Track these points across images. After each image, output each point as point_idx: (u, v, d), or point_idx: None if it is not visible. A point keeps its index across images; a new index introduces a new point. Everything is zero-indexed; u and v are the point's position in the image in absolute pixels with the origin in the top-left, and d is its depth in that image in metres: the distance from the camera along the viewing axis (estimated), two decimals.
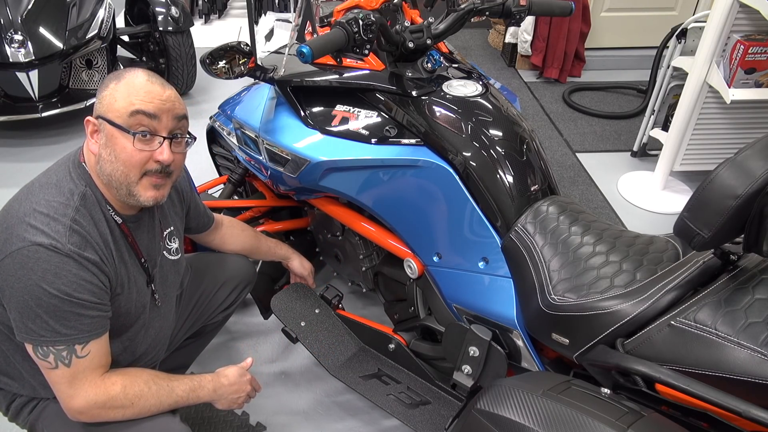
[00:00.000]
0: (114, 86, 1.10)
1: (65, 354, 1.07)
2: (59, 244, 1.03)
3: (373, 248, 1.78)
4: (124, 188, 1.12)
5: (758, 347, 0.91)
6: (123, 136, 1.08)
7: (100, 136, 1.11)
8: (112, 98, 1.09)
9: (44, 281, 1.02)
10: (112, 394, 1.12)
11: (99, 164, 1.12)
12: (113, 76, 1.12)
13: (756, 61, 2.30)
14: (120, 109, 1.08)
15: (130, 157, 1.09)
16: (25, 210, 1.06)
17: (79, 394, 1.10)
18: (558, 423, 0.92)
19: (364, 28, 1.29)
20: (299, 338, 1.68)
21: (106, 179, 1.12)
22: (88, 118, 1.11)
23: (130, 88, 1.09)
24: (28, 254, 1.02)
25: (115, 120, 1.08)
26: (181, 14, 3.28)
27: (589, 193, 2.87)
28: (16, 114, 2.94)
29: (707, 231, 0.95)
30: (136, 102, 1.08)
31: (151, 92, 1.10)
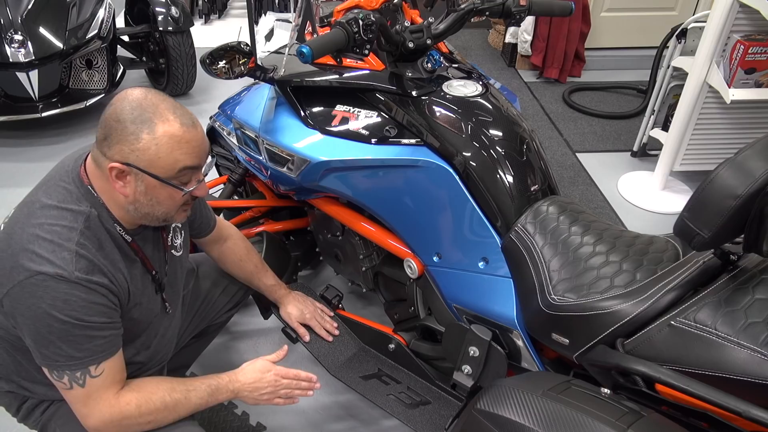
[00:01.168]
0: (149, 138, 1.03)
1: (79, 375, 1.08)
2: (65, 272, 1.02)
3: (373, 248, 1.78)
4: (161, 220, 1.15)
5: (758, 347, 0.91)
6: (168, 188, 1.08)
7: (132, 182, 1.07)
8: (153, 154, 1.04)
9: (54, 308, 1.02)
10: (126, 413, 1.12)
11: (133, 205, 1.10)
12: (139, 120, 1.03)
13: (756, 61, 2.30)
14: (166, 167, 1.05)
15: (175, 203, 1.12)
16: (28, 236, 1.04)
17: (93, 414, 1.10)
18: (558, 423, 0.92)
19: (364, 28, 1.29)
20: (299, 339, 1.68)
21: (140, 216, 1.12)
22: (113, 165, 1.04)
23: (172, 142, 1.04)
24: (36, 283, 1.02)
25: (160, 176, 1.06)
26: (181, 14, 3.28)
27: (589, 193, 2.87)
28: (16, 114, 2.94)
29: (707, 231, 0.95)
30: (182, 159, 1.06)
31: (190, 142, 1.07)
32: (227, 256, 1.58)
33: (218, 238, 1.56)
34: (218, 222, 1.56)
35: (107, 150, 1.05)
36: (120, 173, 1.06)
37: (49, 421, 1.24)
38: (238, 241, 1.59)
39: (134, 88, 1.08)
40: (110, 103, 1.06)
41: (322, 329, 1.66)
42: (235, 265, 1.59)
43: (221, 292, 1.61)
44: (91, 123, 3.33)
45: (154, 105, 1.05)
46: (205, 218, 1.49)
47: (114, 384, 1.12)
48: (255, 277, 1.62)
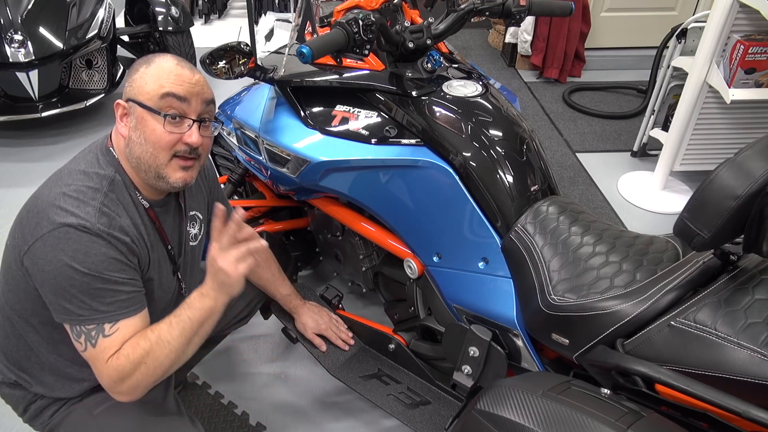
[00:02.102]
0: (144, 70, 1.11)
1: (93, 334, 1.07)
2: (88, 223, 1.04)
3: (373, 248, 1.78)
4: (153, 170, 1.13)
5: (758, 347, 0.91)
6: (153, 118, 1.10)
7: (129, 119, 1.12)
8: (142, 81, 1.10)
9: (75, 260, 1.03)
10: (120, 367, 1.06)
11: (128, 147, 1.13)
12: (143, 60, 1.13)
13: (756, 61, 2.30)
14: (150, 92, 1.09)
15: (159, 138, 1.10)
16: (55, 195, 1.07)
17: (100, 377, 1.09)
18: (558, 423, 0.92)
19: (364, 28, 1.29)
20: (299, 338, 1.68)
21: (135, 162, 1.13)
22: (118, 101, 1.12)
23: (160, 72, 1.10)
24: (58, 235, 1.03)
25: (145, 102, 1.09)
26: (181, 14, 3.28)
27: (589, 193, 2.87)
28: (16, 114, 2.94)
29: (707, 231, 0.95)
30: (166, 85, 1.09)
31: (181, 75, 1.11)
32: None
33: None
34: None
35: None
36: (123, 114, 1.12)
37: (57, 426, 1.23)
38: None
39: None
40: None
41: (338, 339, 1.67)
42: (252, 271, 1.56)
43: (232, 306, 1.60)
44: (91, 123, 3.33)
45: (164, 54, 1.14)
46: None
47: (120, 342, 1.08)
48: (271, 286, 1.62)
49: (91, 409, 1.21)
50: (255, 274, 1.59)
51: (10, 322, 1.18)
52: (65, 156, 3.02)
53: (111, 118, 3.37)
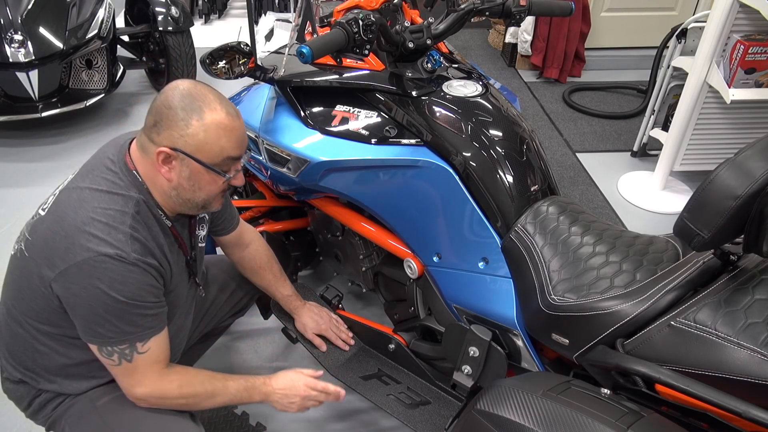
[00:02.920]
0: (198, 124, 1.08)
1: (128, 351, 1.14)
2: (124, 253, 1.07)
3: (373, 248, 1.78)
4: (200, 207, 1.19)
5: (758, 347, 0.91)
6: (211, 174, 1.13)
7: (177, 166, 1.12)
8: (201, 140, 1.09)
9: (112, 289, 1.06)
10: (168, 391, 1.19)
11: (176, 190, 1.15)
12: (189, 107, 1.08)
13: (756, 61, 2.30)
14: (212, 153, 1.11)
15: (216, 189, 1.17)
16: (83, 218, 1.07)
17: (138, 386, 1.17)
18: (558, 423, 0.92)
19: (364, 28, 1.29)
20: (299, 338, 1.68)
21: (181, 201, 1.17)
22: (162, 149, 1.09)
23: (219, 131, 1.10)
24: (95, 264, 1.05)
25: (206, 162, 1.11)
26: (181, 14, 3.28)
27: (589, 193, 2.87)
28: (16, 114, 2.93)
29: (707, 231, 0.95)
30: (227, 147, 1.12)
31: (234, 131, 1.12)
32: (247, 262, 1.59)
33: (240, 241, 1.56)
34: (242, 224, 1.56)
35: (156, 136, 1.10)
36: (167, 158, 1.11)
37: (60, 418, 1.24)
38: (260, 248, 1.60)
39: (183, 80, 1.14)
40: (161, 92, 1.12)
41: (338, 340, 1.68)
42: (254, 272, 1.60)
43: (228, 297, 1.61)
44: (91, 123, 3.33)
45: (203, 95, 1.10)
46: (229, 214, 1.51)
47: (158, 361, 1.18)
48: (272, 286, 1.63)
49: (94, 401, 1.23)
50: (257, 275, 1.60)
51: (19, 324, 1.19)
52: (65, 156, 3.02)
53: (111, 118, 3.38)
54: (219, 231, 1.51)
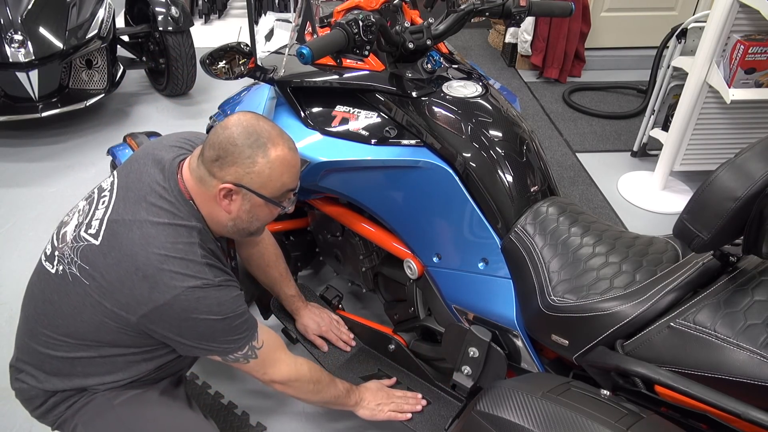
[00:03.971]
0: (264, 161, 1.12)
1: (249, 353, 1.24)
2: (208, 280, 1.12)
3: (373, 249, 1.78)
4: (250, 233, 1.25)
5: (757, 349, 0.91)
6: (270, 207, 1.19)
7: (239, 200, 1.16)
8: (266, 177, 1.13)
9: (211, 314, 1.13)
10: (302, 373, 1.33)
11: (233, 222, 1.19)
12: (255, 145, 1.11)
13: (756, 61, 2.30)
14: (275, 188, 1.16)
15: (271, 218, 1.24)
16: (156, 257, 1.09)
17: (277, 372, 1.30)
18: (557, 424, 0.92)
19: (364, 28, 1.29)
20: (299, 339, 1.68)
21: (236, 230, 1.22)
22: (225, 185, 1.12)
23: (283, 168, 1.14)
24: (187, 298, 1.10)
25: (268, 196, 1.16)
26: (181, 14, 3.28)
27: (589, 193, 2.87)
28: (16, 114, 2.93)
29: (707, 233, 0.95)
30: (288, 182, 1.17)
31: (295, 166, 1.18)
32: (256, 259, 1.60)
33: (251, 239, 1.57)
34: None
35: (218, 171, 1.13)
36: (229, 193, 1.14)
37: (72, 417, 1.24)
38: (269, 246, 1.62)
39: (245, 114, 1.16)
40: (222, 126, 1.13)
41: (339, 341, 1.69)
42: (261, 269, 1.61)
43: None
44: (91, 123, 3.33)
45: (267, 131, 1.14)
46: None
47: (279, 346, 1.32)
48: (277, 285, 1.64)
49: (111, 400, 1.23)
50: (264, 272, 1.61)
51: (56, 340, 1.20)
52: (65, 156, 3.02)
53: (111, 118, 3.38)
54: None
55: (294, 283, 1.67)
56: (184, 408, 1.31)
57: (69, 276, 1.15)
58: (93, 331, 1.15)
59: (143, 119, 3.41)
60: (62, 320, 1.17)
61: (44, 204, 2.64)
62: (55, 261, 1.19)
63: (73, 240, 1.17)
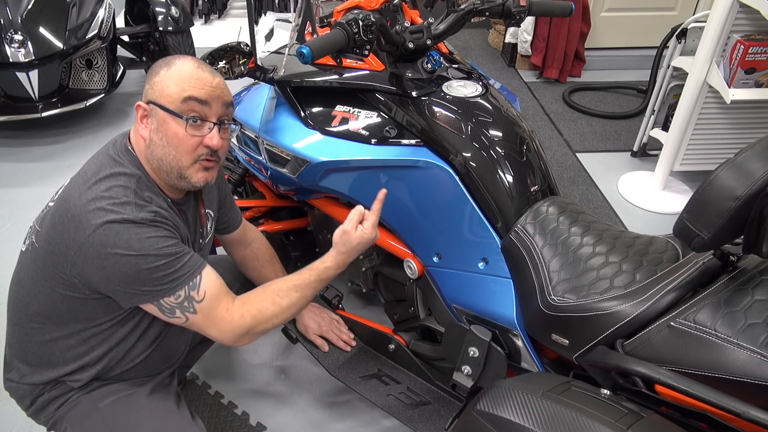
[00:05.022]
0: (165, 72, 1.12)
1: (186, 304, 1.14)
2: (130, 216, 1.07)
3: (372, 248, 1.78)
4: (176, 172, 1.16)
5: (757, 348, 0.91)
6: (175, 121, 1.12)
7: (150, 121, 1.14)
8: (163, 84, 1.12)
9: (131, 249, 1.06)
10: (247, 326, 1.19)
11: (149, 149, 1.15)
12: (163, 62, 1.14)
13: (756, 61, 2.30)
14: (172, 95, 1.11)
15: (181, 142, 1.13)
16: (86, 199, 1.08)
17: (222, 332, 1.18)
18: (558, 424, 0.92)
19: (364, 28, 1.29)
20: (299, 339, 1.68)
21: (156, 163, 1.15)
22: (139, 103, 1.13)
23: (182, 75, 1.12)
24: (105, 232, 1.05)
25: (167, 105, 1.11)
26: (181, 14, 3.28)
27: (589, 193, 2.87)
28: (16, 114, 2.94)
29: (707, 232, 0.95)
30: (187, 88, 1.11)
31: (201, 79, 1.13)
32: (249, 261, 1.59)
33: (243, 240, 1.57)
34: (244, 223, 1.57)
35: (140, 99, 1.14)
36: (144, 115, 1.14)
37: (62, 419, 1.24)
38: (262, 246, 1.61)
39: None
40: None
41: (339, 341, 1.68)
42: (256, 271, 1.60)
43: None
44: (91, 123, 3.33)
45: (183, 56, 1.15)
46: (233, 213, 1.52)
47: (221, 301, 1.18)
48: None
49: (97, 402, 1.23)
50: (259, 274, 1.60)
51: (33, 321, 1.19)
52: (65, 156, 3.02)
53: (111, 118, 3.39)
54: (223, 229, 1.52)
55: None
56: (171, 410, 1.29)
57: (29, 247, 1.17)
58: (50, 303, 1.15)
59: None
60: (29, 297, 1.18)
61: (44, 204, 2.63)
62: (26, 239, 1.21)
63: (40, 213, 1.19)
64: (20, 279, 1.21)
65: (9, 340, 1.27)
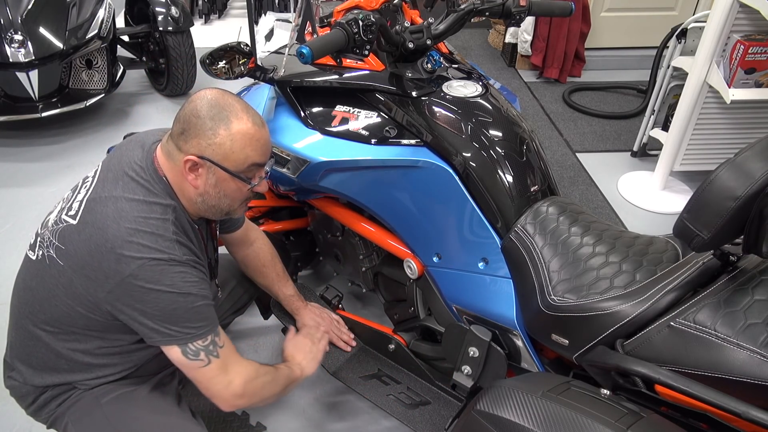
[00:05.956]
0: (226, 134, 1.10)
1: (212, 348, 1.18)
2: (176, 256, 1.10)
3: (373, 248, 1.78)
4: (225, 213, 1.23)
5: (757, 348, 0.91)
6: (236, 182, 1.16)
7: (204, 174, 1.14)
8: (227, 149, 1.11)
9: (174, 287, 1.10)
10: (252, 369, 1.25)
11: (202, 197, 1.17)
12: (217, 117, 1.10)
13: (756, 61, 2.30)
14: (237, 161, 1.13)
15: (240, 196, 1.20)
16: (127, 230, 1.08)
17: (235, 377, 1.21)
18: (557, 424, 0.92)
19: (364, 28, 1.29)
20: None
21: (206, 207, 1.19)
22: (189, 157, 1.11)
23: (245, 139, 1.12)
24: (151, 269, 1.08)
25: (231, 169, 1.13)
26: (181, 14, 3.28)
27: (589, 193, 2.87)
28: (16, 114, 2.93)
29: (707, 232, 0.95)
30: (252, 155, 1.14)
31: (260, 140, 1.15)
32: (251, 261, 1.60)
33: (245, 239, 1.57)
34: (247, 223, 1.57)
35: (183, 144, 1.12)
36: (194, 166, 1.13)
37: (62, 415, 1.25)
38: (264, 246, 1.61)
39: (211, 89, 1.15)
40: (189, 100, 1.14)
41: (340, 341, 1.68)
42: (258, 270, 1.61)
43: (228, 294, 1.62)
44: (91, 123, 3.33)
45: (231, 105, 1.13)
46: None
47: (234, 349, 1.24)
48: (275, 285, 1.63)
49: (99, 398, 1.23)
50: (260, 274, 1.61)
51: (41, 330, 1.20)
52: (65, 156, 3.02)
53: (111, 118, 3.38)
54: (227, 229, 1.52)
55: (292, 283, 1.67)
56: (172, 407, 1.30)
57: (47, 259, 1.15)
58: (66, 317, 1.15)
59: (143, 119, 3.41)
60: (39, 306, 1.18)
61: (44, 204, 2.64)
62: (36, 247, 1.20)
63: (54, 224, 1.17)
64: (31, 287, 1.19)
65: (11, 342, 1.27)
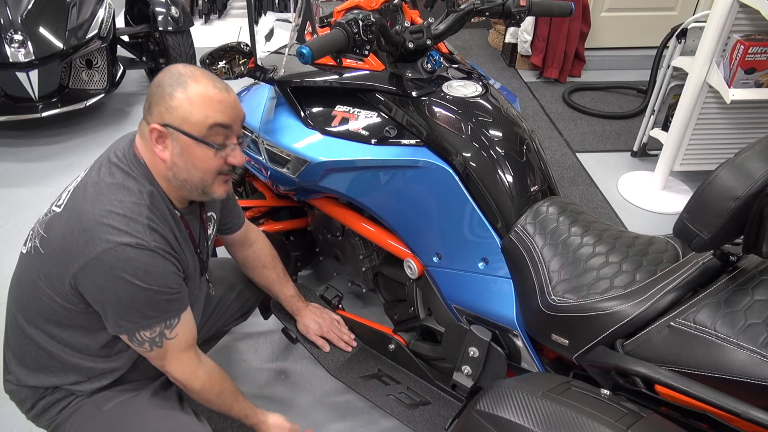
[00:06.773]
0: (183, 97, 1.08)
1: (158, 339, 1.17)
2: (144, 242, 1.08)
3: (373, 248, 1.78)
4: (200, 189, 1.17)
5: (757, 348, 0.91)
6: (201, 147, 1.11)
7: (171, 145, 1.11)
8: (185, 111, 1.08)
9: (136, 278, 1.07)
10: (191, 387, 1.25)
11: (172, 171, 1.14)
12: (173, 81, 1.09)
13: (756, 61, 2.30)
14: (197, 123, 1.09)
15: (209, 165, 1.14)
16: (100, 212, 1.07)
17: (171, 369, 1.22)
18: (557, 424, 0.92)
19: (364, 28, 1.29)
20: (299, 339, 1.68)
21: (179, 183, 1.16)
22: (154, 126, 1.09)
23: (204, 100, 1.09)
24: (117, 254, 1.06)
25: (193, 133, 1.10)
26: (181, 14, 3.28)
27: (589, 193, 2.87)
28: (16, 114, 2.94)
29: (707, 232, 0.95)
30: (212, 114, 1.10)
31: (222, 102, 1.11)
32: (251, 261, 1.59)
33: (245, 240, 1.57)
34: (247, 224, 1.57)
35: (149, 116, 1.11)
36: (159, 136, 1.11)
37: (64, 422, 1.24)
38: (264, 247, 1.61)
39: (178, 64, 1.14)
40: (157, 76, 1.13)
41: (340, 341, 1.68)
42: (258, 271, 1.60)
43: (236, 296, 1.62)
44: (91, 123, 3.33)
45: (191, 71, 1.11)
46: (236, 213, 1.52)
47: (188, 347, 1.23)
48: (275, 286, 1.63)
49: (101, 405, 1.23)
50: (260, 274, 1.60)
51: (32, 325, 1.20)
52: (65, 156, 3.02)
53: (111, 118, 3.39)
54: (226, 230, 1.52)
55: (293, 283, 1.67)
56: (176, 410, 1.30)
57: (32, 250, 1.16)
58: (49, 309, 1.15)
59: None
60: (27, 301, 1.18)
61: (44, 204, 2.63)
62: (27, 241, 1.20)
63: (43, 216, 1.18)
64: (21, 281, 1.20)
65: (7, 342, 1.27)
